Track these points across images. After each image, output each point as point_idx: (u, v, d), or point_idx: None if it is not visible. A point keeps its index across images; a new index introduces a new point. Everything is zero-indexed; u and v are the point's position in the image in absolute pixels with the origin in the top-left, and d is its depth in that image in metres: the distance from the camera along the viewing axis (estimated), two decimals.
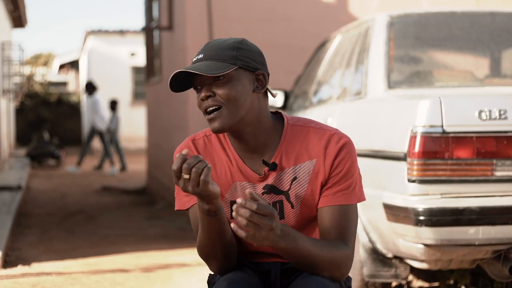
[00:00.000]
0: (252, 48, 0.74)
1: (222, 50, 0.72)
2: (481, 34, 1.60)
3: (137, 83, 8.32)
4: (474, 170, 1.24)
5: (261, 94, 0.75)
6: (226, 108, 0.72)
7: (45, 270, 2.00)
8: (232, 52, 0.72)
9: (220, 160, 0.77)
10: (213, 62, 0.71)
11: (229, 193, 0.77)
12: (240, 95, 0.72)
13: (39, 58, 13.83)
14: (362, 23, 1.74)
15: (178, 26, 3.25)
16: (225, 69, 0.71)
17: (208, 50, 0.73)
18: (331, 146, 0.74)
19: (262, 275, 0.77)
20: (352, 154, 0.75)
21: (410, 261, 1.36)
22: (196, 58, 0.73)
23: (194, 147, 0.77)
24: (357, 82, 1.62)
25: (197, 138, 0.78)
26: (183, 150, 0.67)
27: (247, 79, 0.73)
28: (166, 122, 3.72)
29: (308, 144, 0.75)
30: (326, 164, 0.74)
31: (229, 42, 0.73)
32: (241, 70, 0.73)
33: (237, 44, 0.73)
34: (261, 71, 0.74)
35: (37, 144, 6.16)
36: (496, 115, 1.24)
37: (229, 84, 0.72)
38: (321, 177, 0.75)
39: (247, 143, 0.75)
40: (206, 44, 0.74)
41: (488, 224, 1.22)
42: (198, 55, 0.73)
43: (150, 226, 2.86)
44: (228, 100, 0.72)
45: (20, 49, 6.18)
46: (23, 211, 3.26)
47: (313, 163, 0.75)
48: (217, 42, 0.74)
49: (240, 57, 0.72)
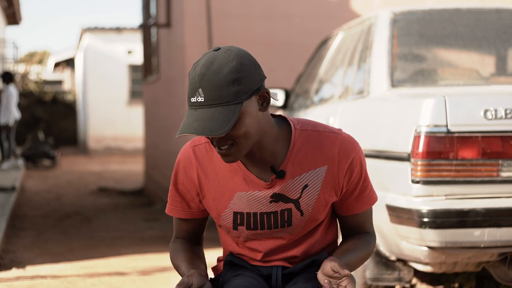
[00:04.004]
0: (248, 67, 0.67)
1: (222, 90, 0.65)
2: (486, 32, 1.58)
3: (134, 82, 8.28)
4: (480, 171, 1.23)
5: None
6: (239, 144, 0.69)
7: (40, 273, 1.98)
8: (233, 87, 0.66)
9: (222, 168, 0.74)
10: (217, 109, 0.66)
11: (232, 203, 0.75)
12: (251, 127, 0.69)
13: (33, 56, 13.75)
14: (365, 20, 1.72)
15: (176, 23, 3.21)
16: (234, 117, 0.66)
17: (206, 91, 0.65)
18: (344, 152, 0.73)
19: (263, 278, 0.77)
20: (363, 157, 0.75)
21: (414, 264, 1.35)
22: (196, 99, 0.66)
23: (194, 156, 0.74)
24: (360, 81, 1.60)
25: (198, 144, 0.75)
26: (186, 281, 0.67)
27: (252, 105, 0.69)
28: (164, 122, 3.69)
29: (319, 150, 0.73)
30: (340, 170, 0.73)
31: (225, 74, 0.65)
32: (246, 101, 0.68)
33: (235, 75, 0.66)
34: (263, 90, 0.69)
35: (32, 144, 6.13)
36: (502, 115, 1.23)
37: (239, 124, 0.68)
38: (335, 183, 0.74)
39: (254, 155, 0.73)
40: (201, 78, 0.66)
41: (494, 226, 1.21)
42: (197, 94, 0.66)
43: (147, 228, 2.84)
44: (241, 137, 0.69)
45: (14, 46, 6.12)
46: (17, 213, 3.24)
47: (325, 169, 0.73)
48: (213, 79, 0.66)
49: (243, 89, 0.66)
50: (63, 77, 12.22)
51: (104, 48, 8.16)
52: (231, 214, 0.75)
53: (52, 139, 6.90)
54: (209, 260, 0.79)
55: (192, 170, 0.74)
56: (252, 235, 0.74)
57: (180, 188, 0.75)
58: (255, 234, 0.74)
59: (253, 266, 0.76)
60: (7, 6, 6.00)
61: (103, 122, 8.12)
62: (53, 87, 11.13)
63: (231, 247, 0.78)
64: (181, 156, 0.75)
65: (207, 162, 0.74)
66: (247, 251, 0.76)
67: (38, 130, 6.61)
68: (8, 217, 2.74)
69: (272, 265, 0.76)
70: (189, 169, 0.75)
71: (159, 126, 3.87)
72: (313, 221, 0.75)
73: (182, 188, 0.75)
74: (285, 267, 0.76)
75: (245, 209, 0.73)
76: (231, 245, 0.78)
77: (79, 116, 9.55)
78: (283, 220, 0.73)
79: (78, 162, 6.61)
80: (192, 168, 0.74)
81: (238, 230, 0.74)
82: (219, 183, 0.74)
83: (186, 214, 0.76)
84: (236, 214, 0.74)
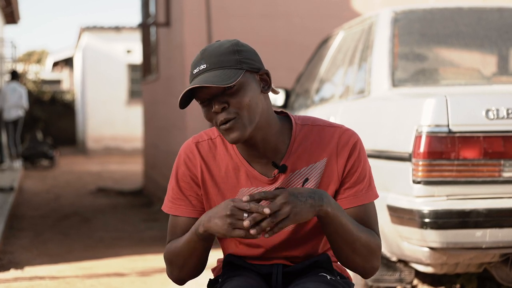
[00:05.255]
0: (248, 48, 0.72)
1: (224, 56, 0.69)
2: (488, 31, 1.58)
3: (133, 81, 8.27)
4: (481, 171, 1.22)
5: (266, 94, 0.73)
6: (242, 117, 0.69)
7: (38, 274, 1.97)
8: (235, 56, 0.69)
9: (226, 165, 0.74)
10: (219, 71, 0.68)
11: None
12: (253, 100, 0.70)
13: (32, 55, 13.70)
14: (366, 19, 1.72)
15: (175, 22, 3.19)
16: (237, 76, 0.68)
17: (209, 58, 0.69)
18: (343, 145, 0.73)
19: (263, 277, 0.76)
20: (363, 150, 0.74)
21: (415, 265, 1.34)
22: (198, 69, 0.69)
23: (197, 151, 0.74)
24: (361, 80, 1.60)
25: (201, 140, 0.75)
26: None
27: (254, 81, 0.71)
28: (163, 122, 3.67)
29: (319, 143, 0.74)
30: (339, 163, 0.73)
31: (227, 46, 0.70)
32: (247, 73, 0.70)
33: (236, 47, 0.70)
34: (264, 70, 0.72)
35: (30, 144, 6.09)
36: (504, 114, 1.22)
37: (241, 91, 0.69)
38: (334, 176, 0.74)
39: (257, 148, 0.72)
40: (203, 52, 0.70)
41: (496, 227, 1.20)
42: (200, 65, 0.69)
43: (146, 229, 2.84)
44: (243, 108, 0.69)
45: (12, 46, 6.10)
46: (15, 213, 3.23)
47: (324, 162, 0.73)
48: (215, 48, 0.70)
49: (244, 60, 0.70)
50: (61, 77, 12.21)
51: (103, 47, 8.15)
52: None
53: (50, 139, 6.95)
54: (209, 261, 0.78)
55: (196, 166, 0.74)
56: None
57: (182, 184, 0.74)
58: None
59: (253, 265, 0.76)
60: (5, 5, 5.97)
61: (102, 122, 8.11)
62: (52, 87, 11.11)
63: (230, 247, 0.77)
64: (183, 151, 0.74)
65: (210, 159, 0.74)
66: (247, 249, 0.75)
67: (37, 130, 6.59)
68: (6, 218, 2.74)
69: (272, 263, 0.75)
70: (192, 165, 0.74)
71: (158, 126, 3.86)
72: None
73: (184, 185, 0.74)
74: (286, 266, 0.75)
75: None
76: (230, 245, 0.77)
77: (77, 116, 9.53)
78: None
79: (77, 162, 6.59)
80: (196, 164, 0.74)
81: None
82: (222, 180, 0.73)
83: (188, 212, 0.74)
84: None
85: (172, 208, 0.75)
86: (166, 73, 3.54)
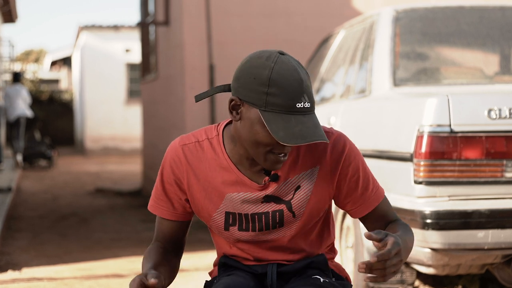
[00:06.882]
0: None
1: (313, 97, 0.67)
2: (490, 30, 1.57)
3: (132, 81, 8.24)
4: (483, 171, 1.22)
5: None
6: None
7: (36, 276, 1.96)
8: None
9: (213, 169, 0.72)
10: (315, 115, 0.68)
11: (223, 204, 0.73)
12: None
13: (30, 55, 13.66)
14: (367, 18, 1.71)
15: (174, 21, 3.18)
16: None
17: (308, 94, 0.65)
18: (335, 152, 0.72)
19: (258, 277, 0.75)
20: (358, 153, 0.73)
21: (416, 266, 1.34)
22: (302, 105, 0.65)
23: (183, 155, 0.72)
24: (362, 80, 1.59)
25: (188, 142, 0.73)
26: None
27: None
28: (162, 121, 3.66)
29: (311, 151, 0.72)
30: (333, 170, 0.72)
31: (310, 83, 0.67)
32: None
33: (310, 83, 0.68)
34: None
35: (28, 144, 6.06)
36: (506, 114, 1.22)
37: None
38: (327, 184, 0.73)
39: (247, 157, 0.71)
40: (300, 81, 0.64)
41: (498, 228, 1.20)
42: (304, 101, 0.65)
43: (145, 230, 2.81)
44: None
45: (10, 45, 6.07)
46: (13, 214, 3.21)
47: (317, 170, 0.72)
48: (306, 76, 0.66)
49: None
50: (59, 76, 12.17)
51: (101, 46, 8.12)
52: (222, 215, 0.73)
53: (48, 139, 6.87)
54: (206, 262, 0.76)
55: (181, 170, 0.72)
56: (244, 236, 0.73)
57: (166, 186, 0.73)
58: (247, 235, 0.73)
59: (247, 266, 0.75)
60: (3, 4, 5.94)
61: (101, 122, 8.08)
62: (50, 86, 11.07)
63: (224, 249, 0.76)
64: (169, 154, 0.73)
65: (196, 162, 0.72)
66: (240, 252, 0.75)
67: (35, 130, 6.55)
68: (4, 218, 2.72)
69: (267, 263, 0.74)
70: (178, 169, 0.72)
71: (157, 125, 3.85)
72: (306, 223, 0.73)
73: (168, 187, 0.73)
74: (281, 265, 0.74)
75: (237, 210, 0.72)
76: (224, 247, 0.76)
77: (76, 116, 9.50)
78: (275, 221, 0.72)
79: (75, 162, 6.55)
80: (181, 168, 0.72)
81: (230, 230, 0.73)
82: (210, 184, 0.72)
83: (170, 214, 0.74)
84: (228, 214, 0.72)
85: (157, 208, 0.74)
86: (165, 72, 3.52)
